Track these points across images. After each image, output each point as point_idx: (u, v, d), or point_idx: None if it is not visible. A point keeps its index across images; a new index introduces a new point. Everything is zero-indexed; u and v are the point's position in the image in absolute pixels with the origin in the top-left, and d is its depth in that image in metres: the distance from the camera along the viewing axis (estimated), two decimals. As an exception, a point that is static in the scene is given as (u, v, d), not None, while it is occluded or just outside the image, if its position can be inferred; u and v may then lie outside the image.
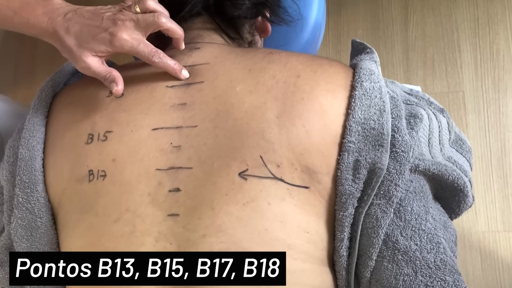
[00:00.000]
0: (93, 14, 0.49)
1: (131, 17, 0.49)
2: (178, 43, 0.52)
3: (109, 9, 0.50)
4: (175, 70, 0.50)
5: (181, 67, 0.51)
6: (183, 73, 0.50)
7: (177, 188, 0.46)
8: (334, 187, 0.47)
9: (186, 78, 0.51)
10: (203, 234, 0.44)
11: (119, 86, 0.49)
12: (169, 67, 0.50)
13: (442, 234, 0.47)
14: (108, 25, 0.48)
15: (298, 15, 0.70)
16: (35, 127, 0.53)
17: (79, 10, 0.50)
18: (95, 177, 0.48)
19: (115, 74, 0.50)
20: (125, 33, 0.48)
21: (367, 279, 0.47)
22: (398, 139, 0.47)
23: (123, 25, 0.49)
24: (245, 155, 0.45)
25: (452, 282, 0.44)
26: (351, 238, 0.47)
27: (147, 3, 0.50)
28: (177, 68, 0.50)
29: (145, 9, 0.50)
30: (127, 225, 0.46)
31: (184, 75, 0.50)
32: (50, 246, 0.52)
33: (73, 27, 0.49)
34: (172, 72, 0.50)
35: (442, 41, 1.25)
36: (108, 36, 0.48)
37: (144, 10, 0.50)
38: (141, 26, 0.49)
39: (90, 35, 0.49)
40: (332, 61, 0.52)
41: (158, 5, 0.51)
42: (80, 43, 0.49)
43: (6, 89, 1.45)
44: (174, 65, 0.50)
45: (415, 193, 0.48)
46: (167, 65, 0.50)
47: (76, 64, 0.50)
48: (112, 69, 0.50)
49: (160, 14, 0.50)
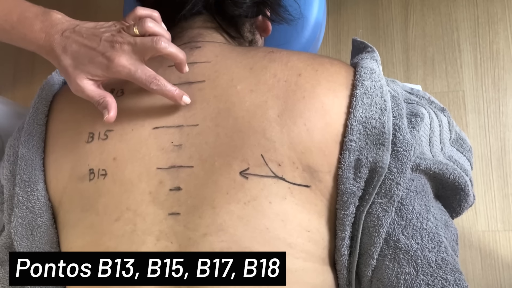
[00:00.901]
0: (91, 33, 0.47)
1: (129, 41, 0.46)
2: (180, 67, 0.49)
3: (109, 27, 0.48)
4: (175, 97, 0.47)
5: (182, 94, 0.48)
6: (183, 99, 0.48)
7: (178, 187, 0.46)
8: (335, 186, 0.47)
9: (187, 104, 0.48)
10: (204, 233, 0.44)
11: (111, 113, 0.47)
12: (168, 94, 0.47)
13: (443, 233, 0.47)
14: (105, 49, 0.46)
15: (298, 14, 0.70)
16: (36, 126, 0.53)
17: (78, 28, 0.48)
18: (95, 176, 0.48)
19: (108, 100, 0.48)
20: (123, 58, 0.46)
21: (368, 278, 0.47)
22: (399, 138, 0.47)
23: (120, 49, 0.46)
24: (246, 154, 0.45)
25: (454, 281, 0.44)
26: (352, 237, 0.47)
27: (146, 25, 0.47)
28: (177, 95, 0.47)
29: (144, 31, 0.47)
30: (128, 224, 0.46)
31: (184, 101, 0.48)
32: (51, 245, 0.52)
33: (70, 47, 0.47)
34: (172, 99, 0.48)
35: (442, 41, 1.25)
36: (105, 61, 0.46)
37: (143, 33, 0.47)
38: (139, 50, 0.47)
39: (87, 58, 0.47)
40: (333, 60, 0.52)
41: (158, 27, 0.48)
42: (77, 64, 0.47)
43: (5, 88, 1.45)
44: (174, 92, 0.47)
45: (416, 192, 0.48)
46: (166, 92, 0.47)
47: (70, 85, 0.48)
48: (107, 94, 0.48)
49: (159, 38, 0.47)
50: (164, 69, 0.52)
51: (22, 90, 1.44)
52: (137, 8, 0.49)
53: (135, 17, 0.49)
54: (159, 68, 0.52)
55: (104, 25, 0.48)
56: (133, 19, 0.49)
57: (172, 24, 0.58)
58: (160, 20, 0.50)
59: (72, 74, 0.47)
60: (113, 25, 0.48)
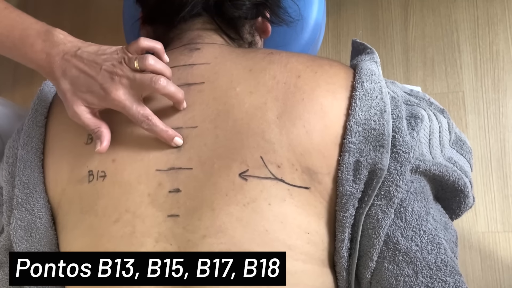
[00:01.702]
0: (92, 60, 0.47)
1: (129, 75, 0.46)
2: (177, 106, 0.49)
3: (110, 54, 0.47)
4: (166, 139, 0.47)
5: (174, 135, 0.47)
6: (175, 141, 0.47)
7: (177, 189, 0.46)
8: (334, 188, 0.46)
9: (178, 145, 0.47)
10: (203, 235, 0.44)
11: (103, 144, 0.47)
12: (159, 134, 0.47)
13: (442, 235, 0.47)
14: (104, 80, 0.46)
15: (298, 15, 0.70)
16: (35, 128, 0.53)
17: (80, 52, 0.47)
18: (94, 177, 0.48)
19: (103, 131, 0.48)
20: (120, 92, 0.46)
21: (367, 280, 0.47)
22: (399, 140, 0.47)
23: (119, 82, 0.46)
24: (246, 156, 0.45)
25: (453, 283, 0.43)
26: (351, 239, 0.47)
27: (147, 62, 0.46)
28: (168, 136, 0.47)
29: (144, 67, 0.46)
30: (127, 226, 0.46)
31: (176, 143, 0.47)
32: (50, 247, 0.52)
33: (70, 71, 0.47)
34: (164, 141, 0.47)
35: (441, 42, 1.25)
36: (103, 93, 0.46)
37: (143, 69, 0.46)
38: (137, 87, 0.46)
39: (85, 86, 0.47)
40: (333, 62, 0.52)
41: (159, 64, 0.47)
42: (75, 90, 0.47)
43: (5, 89, 1.45)
44: (166, 133, 0.47)
45: (416, 193, 0.47)
46: (158, 133, 0.47)
47: (67, 109, 0.48)
48: (102, 124, 0.48)
49: (159, 78, 0.46)
50: None
51: (22, 90, 1.44)
52: (140, 39, 0.48)
53: (138, 49, 0.48)
54: None
55: (106, 50, 0.48)
56: (135, 51, 0.48)
57: (172, 26, 0.59)
58: (163, 52, 0.50)
59: (69, 100, 0.48)
60: (115, 52, 0.47)
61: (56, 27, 0.49)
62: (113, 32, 1.37)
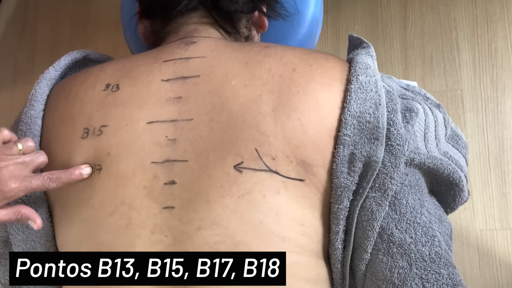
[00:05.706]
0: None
1: (16, 162, 0.47)
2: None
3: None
4: (77, 176, 0.48)
5: (79, 169, 0.48)
6: (83, 172, 0.48)
7: (173, 181, 0.46)
8: (329, 180, 0.47)
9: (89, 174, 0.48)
10: (198, 227, 0.44)
11: (38, 221, 0.47)
12: (69, 178, 0.47)
13: (437, 228, 0.47)
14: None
15: (294, 9, 0.70)
16: (32, 120, 0.53)
17: None
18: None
19: (25, 212, 0.47)
20: (11, 182, 0.45)
21: (362, 272, 0.47)
22: (393, 133, 0.47)
23: (7, 172, 0.45)
24: (240, 148, 0.45)
25: (447, 275, 0.44)
26: (346, 231, 0.47)
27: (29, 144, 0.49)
28: (76, 174, 0.47)
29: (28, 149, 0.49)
30: (123, 218, 0.46)
31: (86, 173, 0.48)
32: (46, 239, 0.52)
33: None
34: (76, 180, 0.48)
35: (440, 40, 1.25)
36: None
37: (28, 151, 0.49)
38: (27, 167, 0.47)
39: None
40: (328, 55, 0.52)
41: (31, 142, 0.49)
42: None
43: (5, 85, 1.45)
44: (73, 173, 0.47)
45: (410, 186, 0.48)
46: (67, 179, 0.47)
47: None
48: (19, 207, 0.47)
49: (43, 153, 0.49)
50: (160, 65, 0.52)
51: (22, 87, 1.44)
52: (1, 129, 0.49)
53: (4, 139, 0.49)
54: (154, 63, 0.52)
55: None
56: (3, 140, 0.49)
57: (169, 20, 0.59)
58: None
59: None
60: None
61: (57, 24, 0.49)
62: (113, 28, 1.37)
